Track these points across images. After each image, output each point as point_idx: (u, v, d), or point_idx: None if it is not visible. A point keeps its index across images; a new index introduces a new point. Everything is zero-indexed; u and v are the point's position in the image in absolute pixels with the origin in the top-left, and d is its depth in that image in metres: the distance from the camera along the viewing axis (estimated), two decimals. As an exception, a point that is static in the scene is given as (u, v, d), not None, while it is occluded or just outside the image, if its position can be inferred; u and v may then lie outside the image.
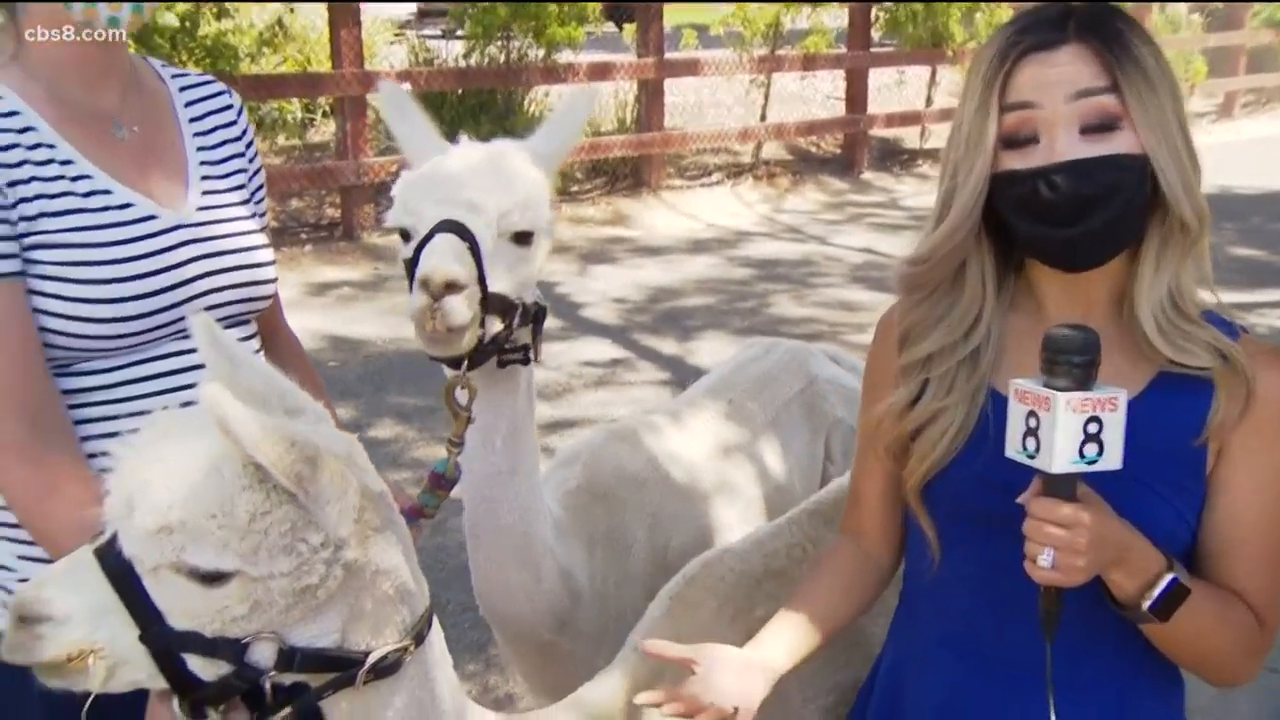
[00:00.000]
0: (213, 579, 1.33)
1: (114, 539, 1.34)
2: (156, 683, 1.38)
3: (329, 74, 9.28)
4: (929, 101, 13.25)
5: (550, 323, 2.15)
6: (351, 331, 7.28)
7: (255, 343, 1.97)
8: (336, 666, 1.44)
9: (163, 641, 1.35)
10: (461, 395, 1.95)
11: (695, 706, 1.65)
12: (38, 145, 1.71)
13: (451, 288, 1.82)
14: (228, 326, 1.87)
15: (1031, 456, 1.42)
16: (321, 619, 1.41)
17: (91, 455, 1.71)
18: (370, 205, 9.18)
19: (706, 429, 2.84)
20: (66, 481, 1.62)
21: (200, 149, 1.91)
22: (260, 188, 2.03)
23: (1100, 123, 1.51)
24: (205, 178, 1.90)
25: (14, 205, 1.67)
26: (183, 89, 1.94)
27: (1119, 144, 1.51)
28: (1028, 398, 1.43)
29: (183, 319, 1.79)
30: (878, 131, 12.70)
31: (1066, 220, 1.52)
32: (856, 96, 12.24)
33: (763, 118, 11.94)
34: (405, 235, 1.96)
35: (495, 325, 1.93)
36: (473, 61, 10.46)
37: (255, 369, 1.52)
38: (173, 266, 1.78)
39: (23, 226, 1.67)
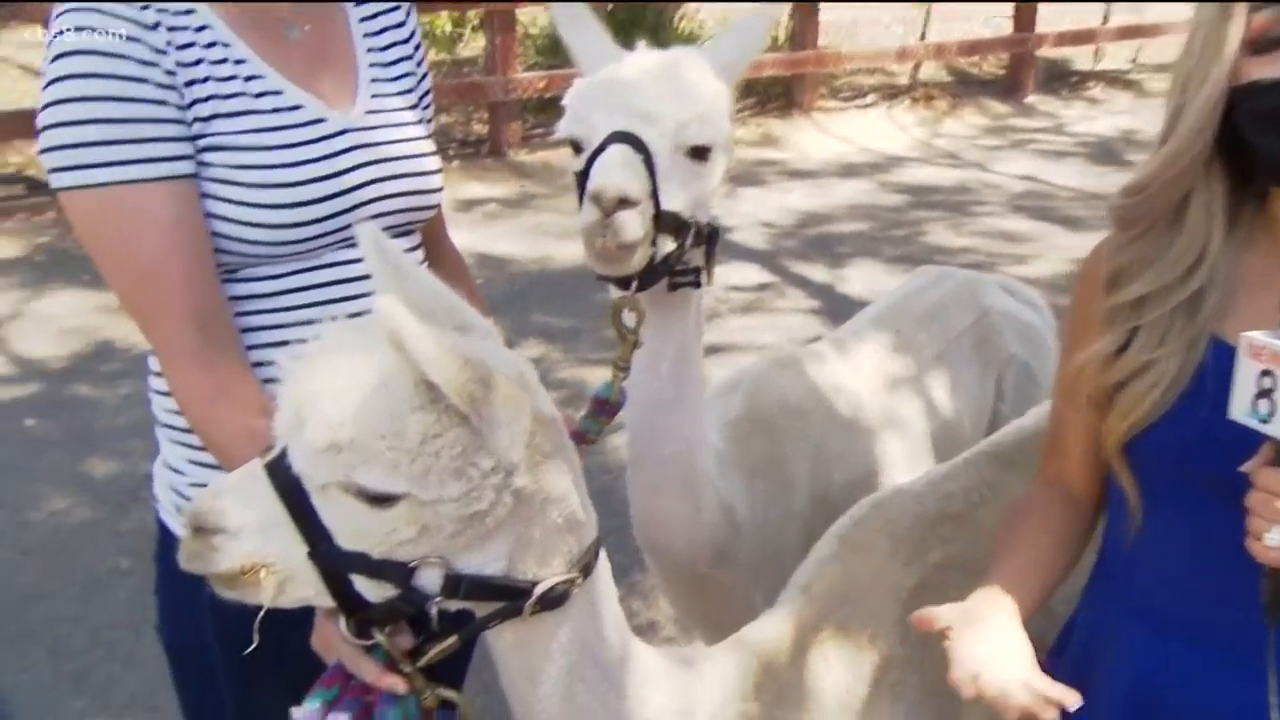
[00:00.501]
0: (381, 500, 1.28)
1: (284, 454, 1.31)
2: (324, 600, 1.36)
3: (479, -13, 9.22)
4: (1105, 19, 12.37)
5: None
6: (497, 249, 7.30)
7: (419, 254, 1.92)
8: (503, 595, 1.39)
9: (330, 560, 1.32)
10: (629, 318, 1.86)
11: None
12: (213, 44, 1.67)
13: (624, 203, 1.72)
14: (393, 237, 1.83)
15: (1265, 420, 1.27)
16: (488, 546, 1.36)
17: (255, 364, 1.69)
18: (518, 122, 9.15)
19: (872, 360, 2.70)
20: (236, 387, 1.61)
21: (370, 50, 1.85)
22: (427, 93, 1.97)
23: None
24: (375, 80, 1.84)
25: (189, 105, 1.64)
26: None
27: None
28: (1263, 354, 1.26)
29: (348, 227, 1.74)
30: (1046, 52, 11.96)
31: None
32: (1024, 14, 11.53)
33: (922, 37, 11.38)
34: (576, 147, 1.87)
35: (667, 245, 1.83)
36: (623, -25, 10.23)
37: (422, 282, 1.45)
38: (341, 172, 1.73)
39: (197, 128, 1.64)
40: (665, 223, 1.79)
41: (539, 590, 1.40)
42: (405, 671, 1.41)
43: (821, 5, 10.50)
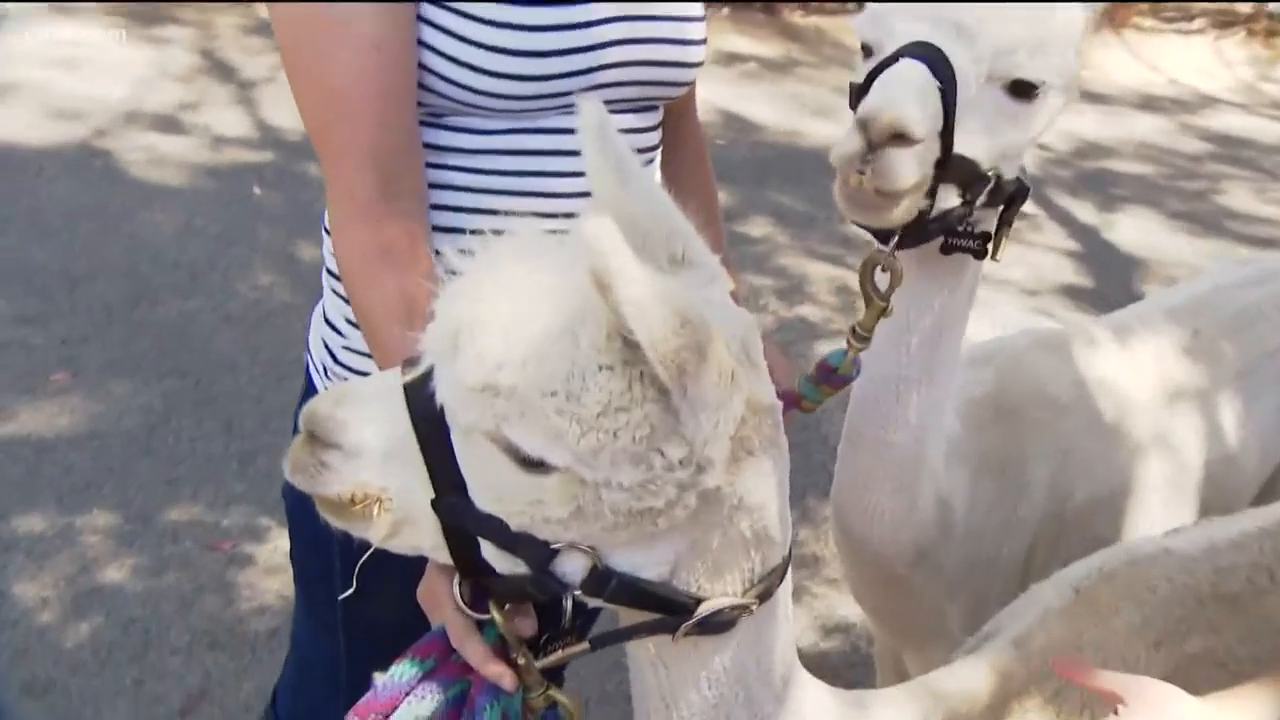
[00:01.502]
0: (534, 465, 1.01)
1: (428, 376, 1.05)
2: (441, 555, 1.12)
3: None
4: None
5: None
6: (747, 111, 6.86)
7: (655, 136, 1.61)
8: (659, 606, 1.11)
9: (456, 516, 1.07)
10: (881, 279, 1.51)
11: None
12: None
13: (900, 138, 1.35)
14: (629, 110, 1.53)
15: None
16: (653, 547, 1.08)
17: (438, 229, 1.44)
18: (801, -20, 8.52)
19: (1156, 360, 2.25)
20: (405, 249, 1.37)
21: None
22: None
23: None
24: None
25: None
26: None
27: None
28: None
29: (581, 90, 1.44)
30: None
31: None
32: None
33: (1281, -39, 9.86)
34: (867, 51, 1.49)
35: (950, 199, 1.46)
36: None
37: (646, 192, 1.14)
38: (589, 23, 1.44)
39: None
40: (953, 171, 1.42)
41: (703, 611, 1.11)
42: (518, 662, 1.16)
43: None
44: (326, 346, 1.64)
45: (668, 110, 1.64)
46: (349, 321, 1.57)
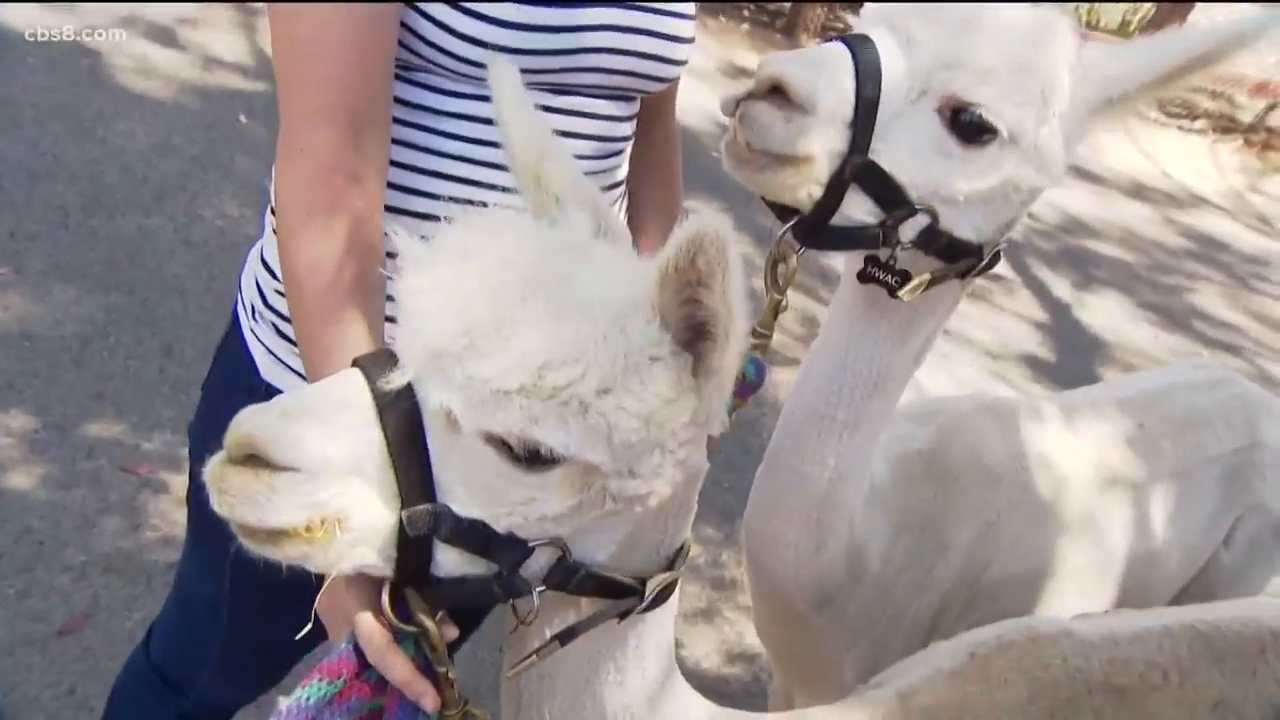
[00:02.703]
0: (538, 462, 0.97)
1: (409, 383, 0.97)
2: (384, 570, 1.03)
3: None
4: None
5: None
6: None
7: (629, 127, 1.59)
8: (614, 592, 1.10)
9: (431, 525, 0.99)
10: (781, 267, 1.44)
11: None
12: None
13: (779, 95, 1.29)
14: (608, 98, 1.49)
15: None
16: (610, 531, 1.06)
17: (393, 187, 1.39)
18: (823, 8, 8.51)
19: (1098, 445, 2.24)
20: (353, 209, 1.29)
21: None
22: None
23: None
24: None
25: None
26: None
27: None
28: None
29: (562, 70, 1.42)
30: None
31: None
32: None
33: (1292, 78, 10.01)
34: None
35: (861, 210, 1.37)
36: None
37: (565, 164, 1.12)
38: (586, 1, 1.39)
39: None
40: (863, 176, 1.34)
41: (652, 588, 1.10)
42: (443, 675, 1.10)
43: (1198, 6, 9.28)
44: (259, 287, 1.59)
45: (646, 105, 1.60)
46: None
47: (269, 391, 1.55)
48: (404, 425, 0.97)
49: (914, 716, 1.54)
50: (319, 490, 0.96)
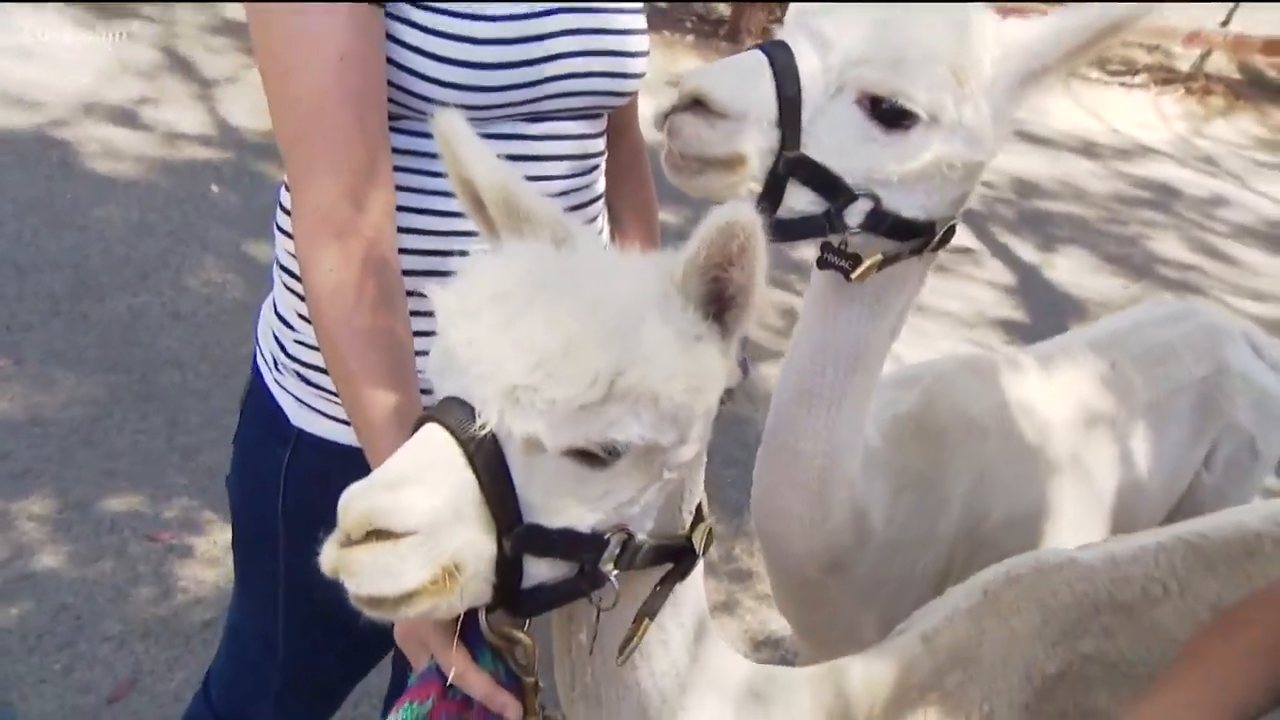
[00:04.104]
0: (603, 461, 1.08)
1: (481, 414, 1.06)
2: (488, 598, 1.11)
3: None
4: None
5: None
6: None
7: (601, 143, 1.70)
8: (672, 557, 1.23)
9: (528, 544, 1.09)
10: None
11: None
12: None
13: (700, 106, 1.39)
14: (574, 118, 1.62)
15: None
16: (652, 504, 1.18)
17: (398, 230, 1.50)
18: (763, 12, 8.68)
19: (1075, 388, 2.37)
20: (372, 276, 1.39)
21: None
22: None
23: None
24: None
25: None
26: None
27: None
28: None
29: (532, 100, 1.53)
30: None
31: None
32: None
33: (1226, 22, 10.22)
34: None
35: (804, 201, 1.47)
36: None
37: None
38: (536, 37, 1.51)
39: None
40: (800, 171, 1.44)
41: (699, 540, 1.23)
42: (531, 684, 1.22)
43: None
44: (277, 339, 1.68)
45: (612, 120, 1.72)
46: (300, 316, 1.61)
47: (301, 437, 1.65)
48: (491, 462, 1.05)
49: (939, 655, 1.66)
50: (439, 544, 1.04)
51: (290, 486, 1.65)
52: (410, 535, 1.02)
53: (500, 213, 1.19)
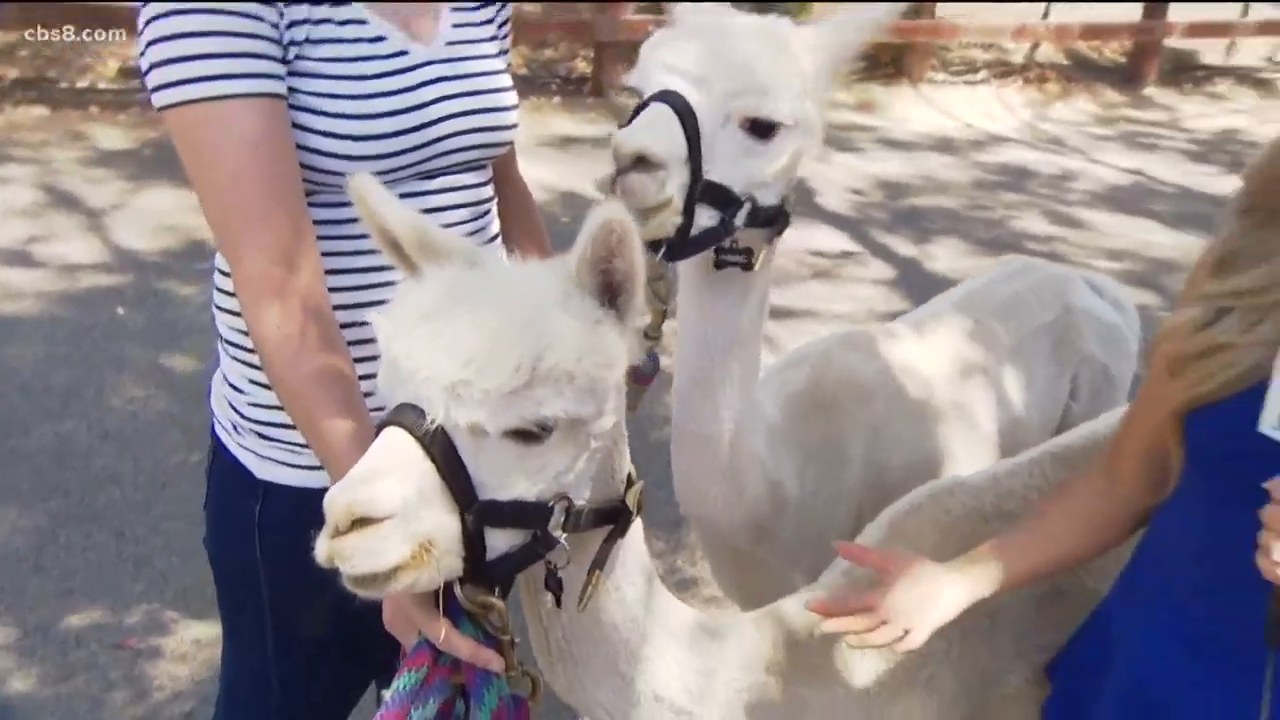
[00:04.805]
0: (536, 437, 1.27)
1: (429, 412, 1.25)
2: (459, 570, 1.30)
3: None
4: (1245, 11, 11.72)
5: None
6: (585, 189, 7.28)
7: (489, 190, 1.92)
8: (612, 518, 1.44)
9: (489, 515, 1.28)
10: (660, 285, 1.78)
11: (865, 623, 1.59)
12: None
13: (643, 163, 1.64)
14: (464, 170, 1.83)
15: None
16: (586, 474, 1.38)
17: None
18: (624, 64, 9.06)
19: (947, 346, 2.66)
20: (312, 324, 1.58)
21: None
22: (506, 22, 1.95)
23: None
24: (455, 9, 1.82)
25: (288, 26, 1.63)
26: None
27: None
28: None
29: (424, 160, 1.75)
30: (1173, 42, 11.44)
31: None
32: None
33: (1045, 15, 10.97)
34: (639, 98, 1.79)
35: (708, 218, 1.73)
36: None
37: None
38: (421, 105, 1.72)
39: (291, 51, 1.64)
40: (707, 194, 1.70)
41: (632, 500, 1.44)
42: (506, 643, 1.41)
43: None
44: (232, 406, 1.86)
45: (496, 168, 1.94)
46: (250, 381, 1.80)
47: (268, 489, 1.83)
48: (444, 451, 1.24)
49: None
50: (412, 524, 1.22)
51: (264, 534, 1.82)
52: (388, 519, 1.21)
53: (417, 251, 1.39)
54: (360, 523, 1.21)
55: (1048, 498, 1.80)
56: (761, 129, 1.75)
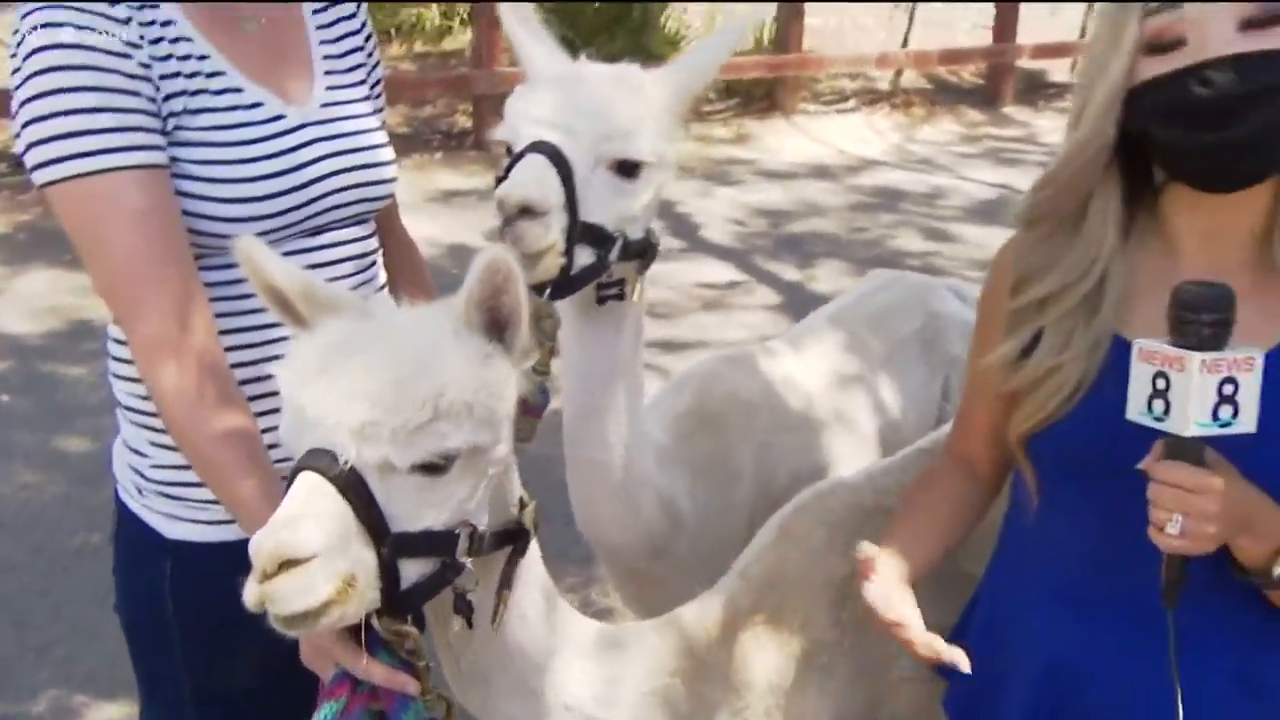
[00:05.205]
0: (440, 468, 1.35)
1: (340, 454, 1.31)
2: (375, 604, 1.36)
3: (465, -20, 9.27)
4: (1083, 33, 12.49)
5: (669, 242, 2.08)
6: (471, 240, 7.36)
7: (374, 242, 2.00)
8: (512, 540, 1.52)
9: (401, 550, 1.35)
10: (547, 324, 1.87)
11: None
12: (179, 39, 1.72)
13: (528, 212, 1.75)
14: (347, 225, 1.91)
15: (1159, 419, 1.36)
16: (483, 500, 1.46)
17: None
18: (499, 116, 9.17)
19: (824, 359, 2.79)
20: (211, 381, 1.63)
21: (323, 42, 1.92)
22: (379, 82, 2.03)
23: (1264, 16, 1.40)
24: (329, 72, 1.91)
25: (165, 99, 1.69)
26: None
27: None
28: (1155, 358, 1.35)
29: (308, 218, 1.82)
30: (1024, 63, 12.09)
31: (1218, 122, 1.41)
32: (1005, 25, 11.66)
33: (904, 44, 11.49)
34: (508, 151, 1.90)
35: (586, 257, 1.84)
36: (611, -27, 10.29)
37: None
38: (300, 166, 1.80)
39: (171, 123, 1.70)
40: (584, 235, 1.82)
41: (528, 520, 1.53)
42: (423, 668, 1.46)
43: (807, 9, 10.60)
44: (136, 470, 1.89)
45: (379, 221, 2.01)
46: (152, 444, 1.84)
47: (177, 547, 1.86)
48: (357, 490, 1.30)
49: (754, 584, 2.00)
50: (335, 561, 1.28)
51: (176, 591, 1.85)
52: (313, 558, 1.27)
53: (306, 306, 1.46)
54: (287, 564, 1.26)
55: (912, 491, 1.89)
56: (627, 169, 1.88)
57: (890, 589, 1.60)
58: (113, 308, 1.70)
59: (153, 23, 1.70)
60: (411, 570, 1.38)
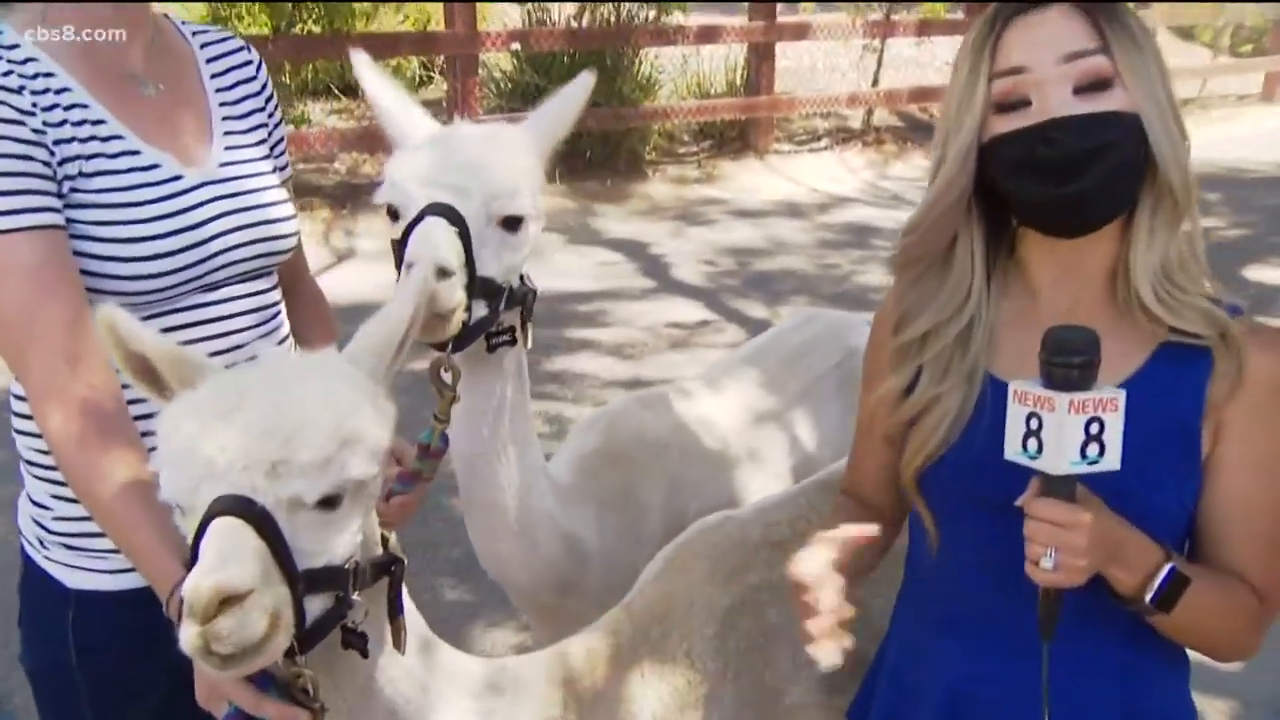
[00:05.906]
0: (335, 501, 1.41)
1: (251, 495, 1.35)
2: (290, 640, 1.39)
3: (441, 33, 9.45)
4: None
5: (639, 282, 2.16)
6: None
7: (276, 294, 2.06)
8: (386, 570, 1.58)
9: (313, 585, 1.39)
10: (446, 375, 1.94)
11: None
12: (73, 105, 1.79)
13: (442, 273, 1.83)
14: (249, 279, 1.97)
15: (1033, 458, 1.42)
16: (357, 535, 1.51)
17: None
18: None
19: (738, 397, 2.86)
20: (97, 422, 1.68)
21: (223, 104, 1.99)
22: (281, 141, 2.10)
23: (1093, 82, 1.52)
24: (228, 133, 1.97)
25: (60, 163, 1.76)
26: (204, 45, 2.01)
27: (1113, 102, 1.51)
28: (1028, 399, 1.42)
29: (207, 274, 1.89)
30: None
31: (1064, 178, 1.51)
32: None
33: (875, 83, 11.68)
34: (394, 214, 1.96)
35: (481, 309, 1.93)
36: (584, 23, 10.49)
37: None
38: (197, 225, 1.86)
39: (66, 186, 1.77)
40: (479, 289, 1.91)
41: (395, 548, 1.59)
42: (319, 709, 1.50)
43: (778, 51, 10.78)
44: (38, 523, 1.93)
45: (284, 273, 2.07)
46: (54, 496, 1.88)
47: (80, 596, 1.90)
48: (271, 529, 1.34)
49: (639, 617, 2.05)
50: (265, 598, 1.32)
51: (79, 638, 1.90)
52: (251, 594, 1.30)
53: (175, 373, 1.49)
54: (226, 603, 1.29)
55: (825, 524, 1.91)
56: (512, 223, 1.98)
57: (815, 558, 1.60)
58: (9, 363, 1.75)
59: (46, 91, 1.77)
60: (315, 606, 1.43)
